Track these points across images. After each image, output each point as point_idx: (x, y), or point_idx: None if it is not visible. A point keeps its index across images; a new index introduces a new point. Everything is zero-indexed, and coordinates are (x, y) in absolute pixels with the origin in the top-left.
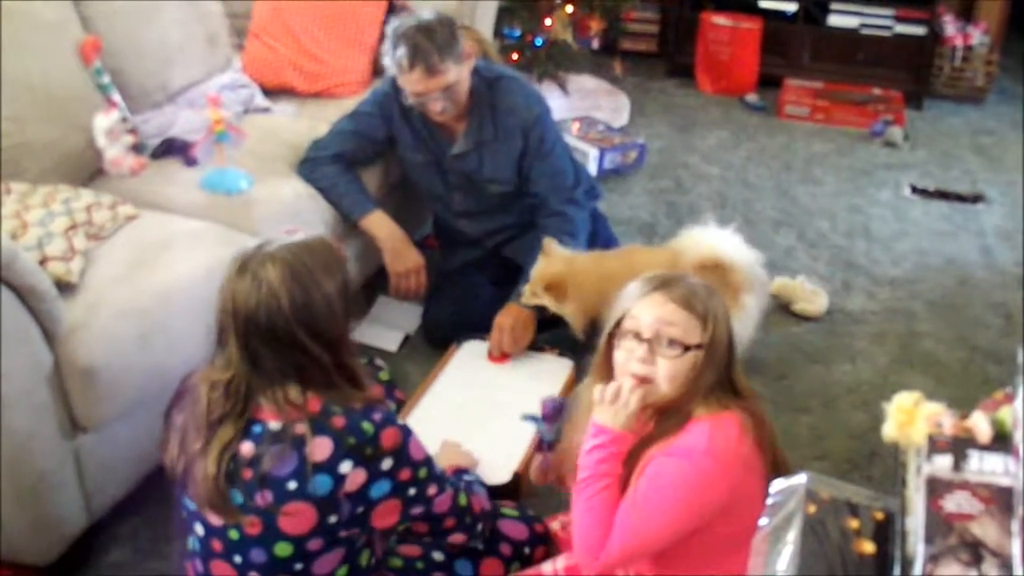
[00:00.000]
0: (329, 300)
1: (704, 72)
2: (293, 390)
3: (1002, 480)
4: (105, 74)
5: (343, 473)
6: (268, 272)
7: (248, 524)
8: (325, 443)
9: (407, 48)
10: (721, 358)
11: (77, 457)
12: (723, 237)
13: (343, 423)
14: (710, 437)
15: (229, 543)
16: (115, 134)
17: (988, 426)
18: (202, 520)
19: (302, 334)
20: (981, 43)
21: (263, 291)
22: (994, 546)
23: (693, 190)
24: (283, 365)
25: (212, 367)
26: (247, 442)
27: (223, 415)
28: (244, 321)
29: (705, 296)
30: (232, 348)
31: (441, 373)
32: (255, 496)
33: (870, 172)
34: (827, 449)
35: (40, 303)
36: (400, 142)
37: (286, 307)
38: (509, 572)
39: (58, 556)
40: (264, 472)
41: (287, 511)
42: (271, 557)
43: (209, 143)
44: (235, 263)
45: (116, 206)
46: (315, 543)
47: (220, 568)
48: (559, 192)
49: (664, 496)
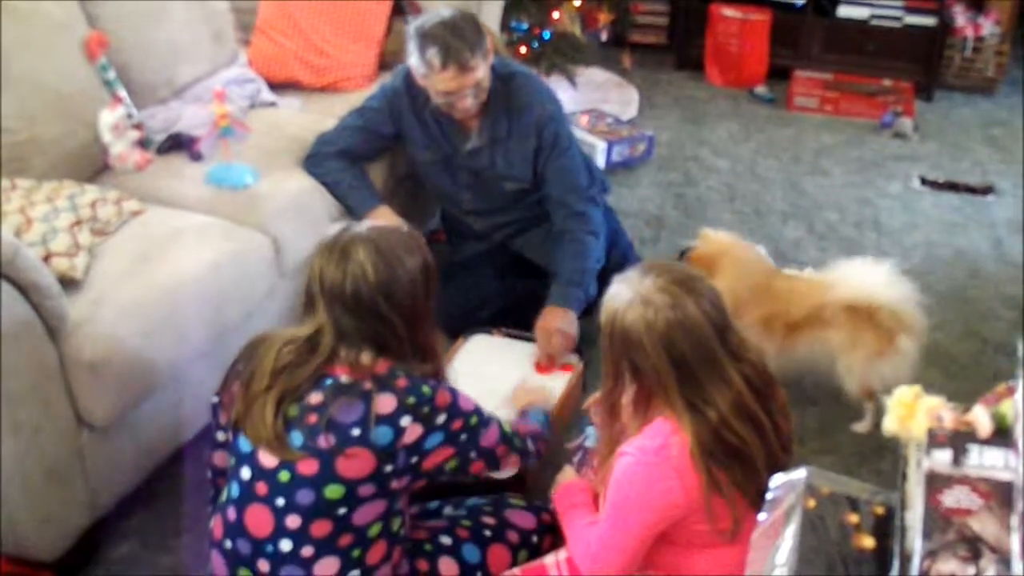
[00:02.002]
0: (411, 275)
1: (713, 64)
2: (367, 355)
3: (1002, 475)
4: (111, 70)
5: (403, 426)
6: (357, 248)
7: (303, 465)
8: (389, 399)
9: (439, 47)
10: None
11: (83, 452)
12: (878, 275)
13: (405, 384)
14: (665, 437)
15: (276, 485)
16: (120, 130)
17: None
18: (252, 463)
19: (383, 305)
20: (992, 33)
21: (351, 265)
22: (993, 542)
23: (702, 182)
24: (363, 332)
25: (300, 325)
26: (316, 392)
27: (298, 365)
28: (330, 290)
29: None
30: (321, 314)
31: (447, 366)
32: (318, 438)
33: (880, 164)
34: (836, 442)
35: (44, 299)
36: (409, 139)
37: (372, 279)
38: (516, 560)
39: (65, 551)
40: (330, 417)
41: (348, 453)
42: (319, 498)
43: (214, 138)
44: (324, 241)
45: (121, 201)
46: (367, 489)
47: (257, 513)
48: (576, 191)
49: (622, 496)
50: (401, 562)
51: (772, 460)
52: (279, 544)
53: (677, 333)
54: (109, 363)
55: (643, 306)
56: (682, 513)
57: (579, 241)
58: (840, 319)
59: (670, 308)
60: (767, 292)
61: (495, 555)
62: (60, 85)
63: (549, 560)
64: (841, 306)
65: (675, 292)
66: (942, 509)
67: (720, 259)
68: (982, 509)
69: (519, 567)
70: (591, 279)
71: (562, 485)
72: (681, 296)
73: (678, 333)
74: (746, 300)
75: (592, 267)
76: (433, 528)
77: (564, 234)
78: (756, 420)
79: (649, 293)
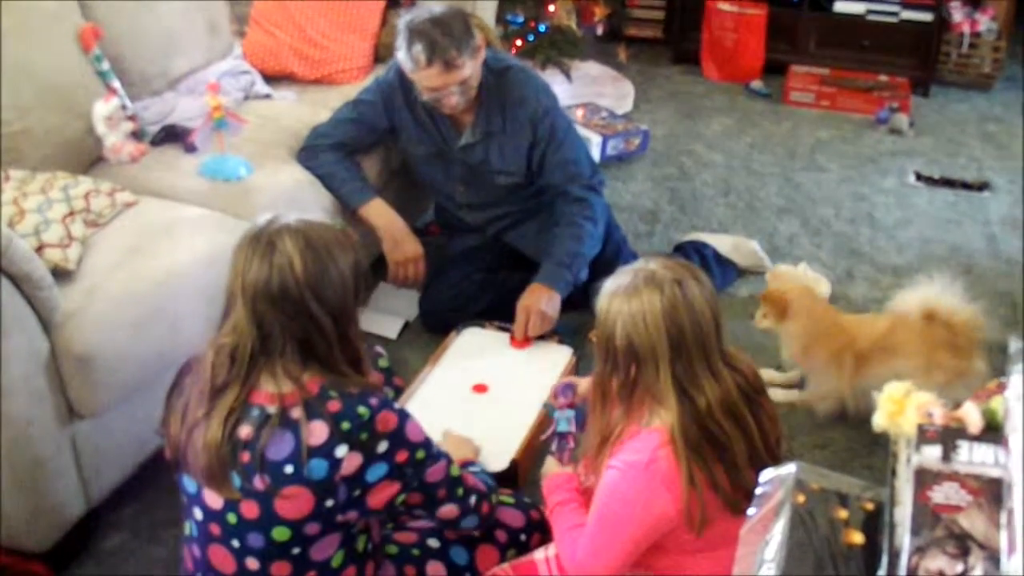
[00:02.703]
0: (342, 273)
1: (709, 59)
2: (294, 365)
3: (992, 471)
4: (104, 61)
5: (339, 457)
6: (285, 240)
7: (246, 508)
8: (321, 427)
9: (424, 44)
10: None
11: (74, 444)
12: (945, 295)
13: (338, 407)
14: (653, 451)
15: (227, 527)
16: (114, 121)
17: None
18: (201, 504)
19: (312, 302)
20: (988, 29)
21: (278, 257)
22: (981, 538)
23: (697, 177)
24: (289, 332)
25: (219, 334)
26: (245, 425)
27: (226, 381)
28: (254, 286)
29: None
30: (240, 313)
31: (440, 360)
32: (254, 479)
33: (875, 159)
34: (828, 438)
35: (36, 290)
36: (403, 133)
37: (300, 273)
38: (505, 559)
39: (56, 542)
40: (262, 454)
41: (285, 495)
42: (269, 541)
43: (208, 130)
44: (249, 232)
45: (114, 193)
46: (312, 527)
47: (218, 553)
48: (577, 179)
49: (610, 511)
50: (385, 568)
51: (755, 462)
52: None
53: (681, 311)
54: (101, 355)
55: (647, 283)
56: (673, 526)
57: (576, 225)
58: (913, 345)
59: (676, 285)
60: (836, 328)
61: (483, 556)
62: (54, 76)
63: (539, 556)
64: (913, 332)
65: (681, 274)
66: (931, 505)
67: (796, 299)
68: (971, 506)
69: (509, 563)
70: (582, 265)
71: (548, 478)
72: (687, 279)
73: (682, 311)
74: (817, 338)
75: (585, 253)
76: (420, 529)
77: (562, 217)
78: (742, 420)
79: (654, 273)
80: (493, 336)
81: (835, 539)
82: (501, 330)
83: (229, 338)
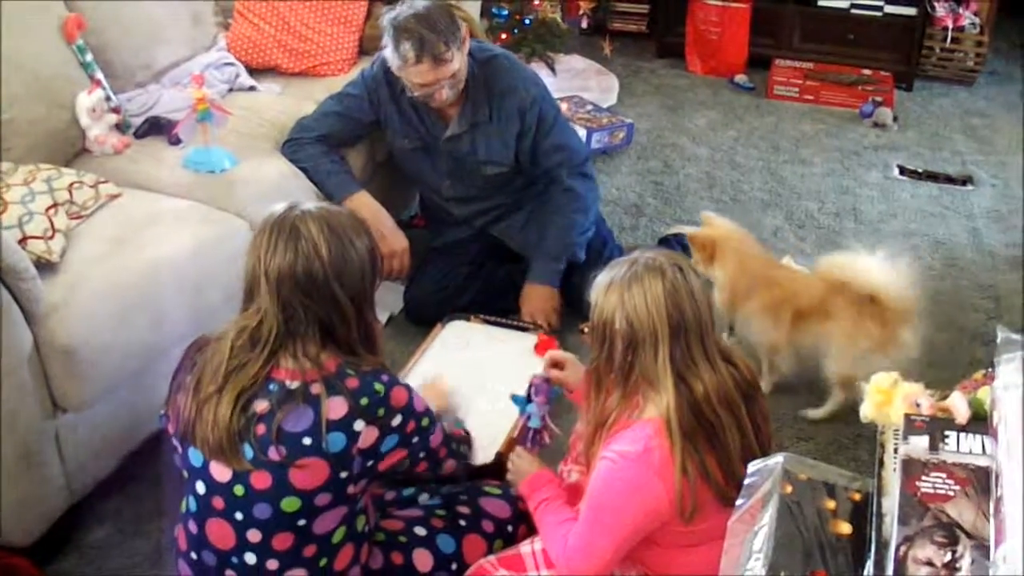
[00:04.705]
0: (360, 256)
1: (694, 52)
2: (313, 345)
3: (979, 461)
4: (88, 52)
5: (357, 431)
6: (308, 226)
7: (257, 479)
8: (340, 403)
9: (412, 41)
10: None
11: (58, 436)
12: (881, 266)
13: (356, 384)
14: (647, 441)
15: (232, 500)
16: (98, 113)
17: (966, 406)
18: (206, 477)
19: (335, 284)
20: (972, 24)
21: (303, 243)
22: (969, 527)
23: (681, 171)
24: (312, 314)
25: (240, 316)
26: (262, 400)
27: (245, 361)
28: (279, 270)
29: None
30: (264, 298)
31: (425, 352)
32: (268, 450)
33: (859, 153)
34: (813, 431)
35: (20, 282)
36: (388, 127)
37: (325, 258)
38: (492, 549)
39: (40, 535)
40: (279, 427)
41: (301, 464)
42: (276, 512)
43: (192, 122)
44: (270, 218)
45: (98, 185)
46: (323, 498)
47: (217, 527)
48: (569, 165)
49: (603, 502)
50: (373, 555)
51: (748, 456)
52: (244, 557)
53: (683, 294)
54: (85, 347)
55: (648, 269)
56: (666, 518)
57: (566, 218)
58: (843, 309)
59: (678, 271)
60: (770, 280)
61: (470, 545)
62: (37, 67)
63: (526, 550)
64: (846, 296)
65: (681, 263)
66: (919, 495)
67: (723, 243)
68: (959, 495)
69: (495, 555)
70: (574, 252)
71: (529, 477)
72: (685, 267)
73: (683, 294)
74: (748, 287)
75: (578, 240)
76: (407, 518)
77: (553, 209)
78: (737, 410)
79: (654, 259)
80: (478, 328)
81: (823, 529)
82: (487, 323)
83: (252, 320)
